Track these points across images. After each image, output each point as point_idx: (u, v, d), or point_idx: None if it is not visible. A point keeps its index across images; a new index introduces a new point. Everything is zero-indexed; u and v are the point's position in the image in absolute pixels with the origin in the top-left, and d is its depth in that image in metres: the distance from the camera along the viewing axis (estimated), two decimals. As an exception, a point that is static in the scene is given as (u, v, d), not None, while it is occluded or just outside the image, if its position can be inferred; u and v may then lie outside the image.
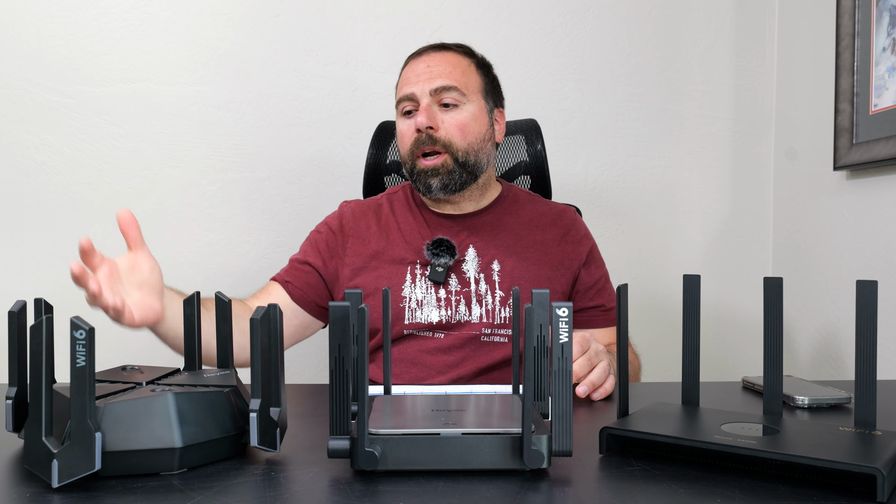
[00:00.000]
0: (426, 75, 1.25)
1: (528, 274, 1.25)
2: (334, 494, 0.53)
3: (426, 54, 1.29)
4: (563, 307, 0.56)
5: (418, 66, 1.27)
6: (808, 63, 1.78)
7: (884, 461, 0.53)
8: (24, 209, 1.77)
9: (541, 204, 1.36)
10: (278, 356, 0.62)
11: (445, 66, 1.26)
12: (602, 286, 1.31)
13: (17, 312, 0.63)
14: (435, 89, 1.24)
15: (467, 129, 1.25)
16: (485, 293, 1.24)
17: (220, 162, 1.82)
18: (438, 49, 1.30)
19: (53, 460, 0.53)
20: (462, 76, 1.27)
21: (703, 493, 0.54)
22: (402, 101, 1.27)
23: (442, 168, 1.24)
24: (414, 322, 1.22)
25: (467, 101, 1.26)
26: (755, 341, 1.93)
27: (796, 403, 0.83)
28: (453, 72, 1.26)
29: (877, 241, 1.52)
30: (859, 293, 0.62)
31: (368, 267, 1.27)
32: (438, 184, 1.24)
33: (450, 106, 1.25)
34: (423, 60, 1.28)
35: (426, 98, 1.24)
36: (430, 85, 1.24)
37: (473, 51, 1.34)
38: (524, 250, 1.27)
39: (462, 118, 1.25)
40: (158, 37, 1.79)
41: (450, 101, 1.25)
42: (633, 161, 1.92)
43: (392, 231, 1.30)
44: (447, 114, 1.25)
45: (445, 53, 1.29)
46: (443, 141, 1.24)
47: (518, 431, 0.57)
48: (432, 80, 1.25)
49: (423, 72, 1.26)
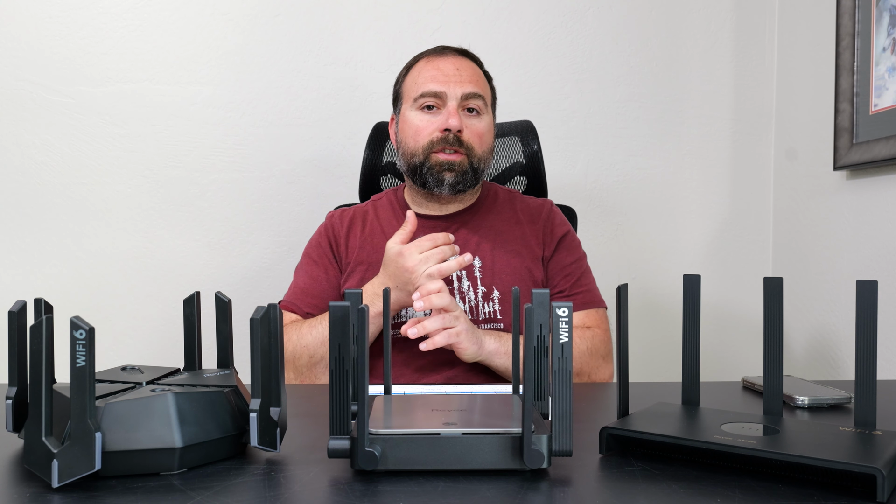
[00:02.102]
0: (456, 77, 1.27)
1: (509, 268, 1.27)
2: (334, 494, 0.53)
3: (452, 56, 1.30)
4: (563, 307, 0.56)
5: (446, 66, 1.28)
6: (808, 63, 1.78)
7: (884, 461, 0.53)
8: (23, 209, 1.77)
9: (520, 200, 1.38)
10: (278, 356, 0.62)
11: (473, 74, 1.29)
12: (569, 272, 1.31)
13: (17, 312, 0.63)
14: (466, 94, 1.26)
15: (484, 138, 1.29)
16: (467, 290, 1.25)
17: (220, 162, 1.82)
18: (461, 54, 1.32)
19: (53, 460, 0.53)
20: (484, 87, 1.31)
21: (703, 493, 0.53)
22: (425, 95, 1.27)
23: (459, 166, 1.26)
24: (401, 321, 1.24)
25: (487, 111, 1.30)
26: (755, 341, 1.93)
27: (796, 403, 0.83)
28: (479, 81, 1.30)
29: (877, 241, 1.52)
30: (859, 293, 0.62)
31: (355, 272, 1.30)
32: (452, 179, 1.26)
33: (473, 112, 1.28)
34: (450, 62, 1.29)
35: (455, 100, 1.26)
36: (461, 88, 1.26)
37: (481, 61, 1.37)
38: (504, 245, 1.30)
39: (482, 127, 1.29)
40: (158, 37, 1.79)
41: (475, 107, 1.28)
42: (632, 161, 1.92)
43: (377, 236, 1.32)
44: (471, 119, 1.28)
45: (468, 60, 1.31)
46: (467, 144, 1.26)
47: (518, 431, 0.57)
48: (463, 84, 1.26)
49: (452, 73, 1.27)
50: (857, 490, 0.54)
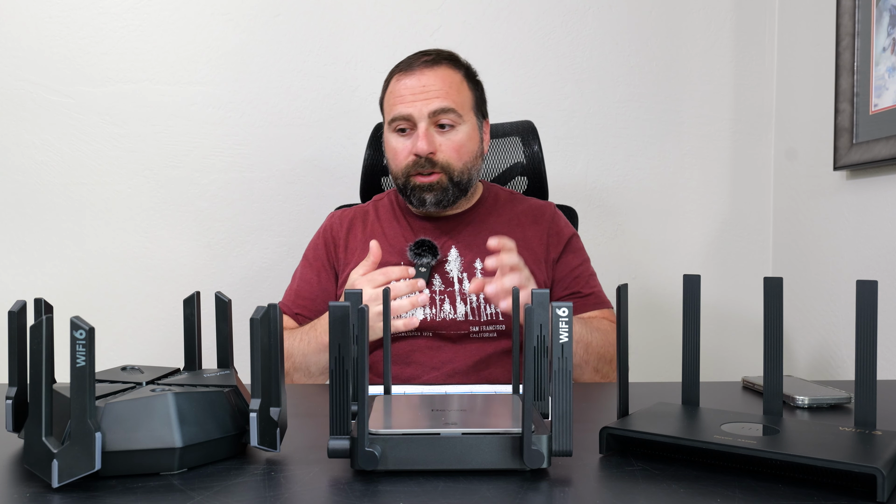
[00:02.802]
0: (423, 95, 1.22)
1: None
2: (334, 494, 0.53)
3: (418, 70, 1.25)
4: (563, 307, 0.56)
5: (412, 84, 1.24)
6: (808, 63, 1.78)
7: (884, 461, 0.53)
8: (24, 209, 1.77)
9: (521, 202, 1.37)
10: (278, 356, 0.62)
11: (441, 85, 1.23)
12: (579, 274, 1.31)
13: (17, 312, 0.63)
14: (434, 111, 1.22)
15: (463, 149, 1.25)
16: (468, 292, 1.25)
17: (220, 162, 1.82)
18: (430, 64, 1.25)
19: (53, 460, 0.53)
20: (457, 95, 1.25)
21: (703, 493, 0.54)
22: (396, 119, 1.24)
23: (437, 185, 1.24)
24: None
25: (462, 121, 1.25)
26: (755, 341, 1.93)
27: (796, 403, 0.83)
28: (449, 91, 1.24)
29: (877, 241, 1.52)
30: (859, 293, 0.62)
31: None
32: (433, 199, 1.25)
33: (446, 127, 1.24)
34: (417, 77, 1.24)
35: (424, 121, 1.22)
36: (427, 107, 1.22)
37: (460, 59, 1.31)
38: None
39: (459, 139, 1.25)
40: (158, 37, 1.79)
41: (447, 122, 1.23)
42: (633, 161, 1.92)
43: (377, 236, 1.31)
44: (444, 135, 1.24)
45: (437, 69, 1.25)
46: (441, 164, 1.24)
47: (518, 431, 0.57)
48: (429, 101, 1.22)
49: (419, 91, 1.23)
50: (857, 490, 0.54)
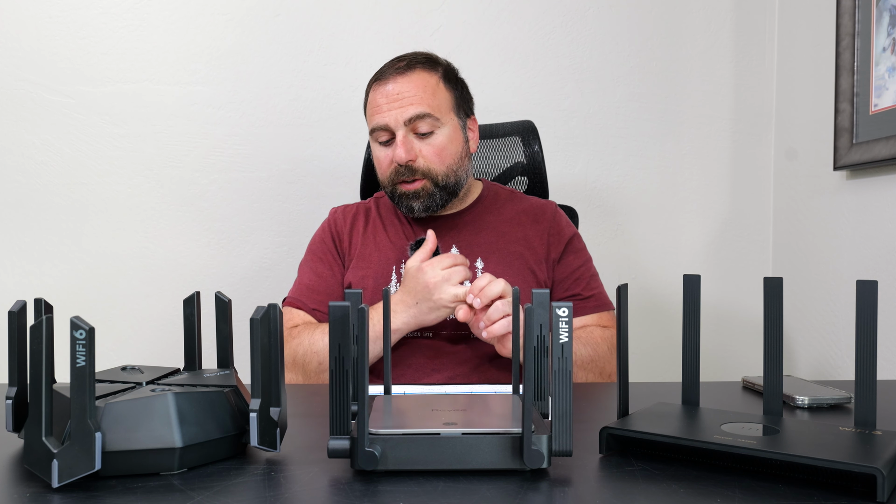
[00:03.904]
0: (398, 103, 1.23)
1: (512, 270, 1.26)
2: (334, 494, 0.53)
3: (391, 78, 1.25)
4: (563, 307, 0.56)
5: (387, 92, 1.24)
6: (808, 63, 1.78)
7: (884, 461, 0.53)
8: (24, 209, 1.77)
9: (522, 200, 1.36)
10: (278, 356, 0.62)
11: (415, 91, 1.23)
12: (580, 276, 1.30)
13: (17, 312, 0.63)
14: (409, 119, 1.22)
15: (445, 152, 1.25)
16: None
17: (220, 162, 1.82)
18: (402, 71, 1.25)
19: (53, 460, 0.53)
20: (433, 98, 1.24)
21: (703, 493, 0.53)
22: (376, 130, 1.25)
23: (422, 191, 1.24)
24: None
25: (441, 124, 1.25)
26: (755, 341, 1.93)
27: (796, 403, 0.83)
28: (424, 96, 1.23)
29: (877, 241, 1.52)
30: (859, 293, 0.62)
31: (356, 268, 1.29)
32: (420, 206, 1.25)
33: (425, 133, 1.24)
34: (391, 84, 1.24)
35: (401, 129, 1.23)
36: (402, 114, 1.22)
37: (437, 59, 1.30)
38: (507, 246, 1.28)
39: (439, 143, 1.24)
40: (158, 37, 1.79)
41: (425, 128, 1.23)
42: (633, 161, 1.92)
43: (378, 233, 1.32)
44: (424, 141, 1.24)
45: (411, 74, 1.25)
46: (422, 170, 1.24)
47: (518, 431, 0.57)
48: (404, 108, 1.22)
49: (394, 99, 1.23)
50: (857, 490, 0.54)
